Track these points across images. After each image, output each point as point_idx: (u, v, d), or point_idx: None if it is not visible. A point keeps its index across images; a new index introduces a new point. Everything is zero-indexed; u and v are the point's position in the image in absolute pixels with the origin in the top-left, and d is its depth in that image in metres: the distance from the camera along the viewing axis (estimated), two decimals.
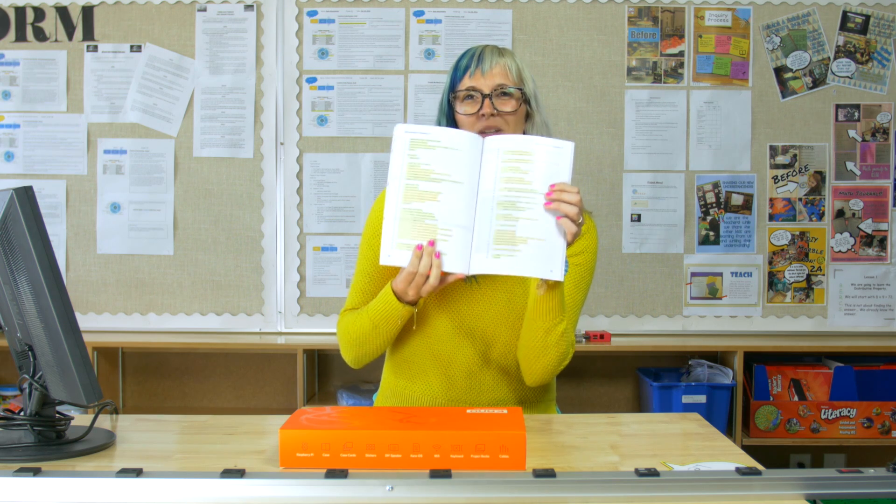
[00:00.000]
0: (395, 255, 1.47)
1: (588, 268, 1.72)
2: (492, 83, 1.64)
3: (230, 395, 3.15)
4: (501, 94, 1.64)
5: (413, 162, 1.46)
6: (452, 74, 1.68)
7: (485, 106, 1.63)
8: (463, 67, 1.66)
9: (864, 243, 3.05)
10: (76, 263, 3.06)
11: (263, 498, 1.14)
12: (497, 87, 1.64)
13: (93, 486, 1.14)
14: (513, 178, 1.45)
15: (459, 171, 1.46)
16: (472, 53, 1.67)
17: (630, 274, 3.05)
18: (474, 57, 1.66)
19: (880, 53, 3.03)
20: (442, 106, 1.70)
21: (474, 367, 1.67)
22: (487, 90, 1.63)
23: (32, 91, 3.05)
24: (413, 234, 1.46)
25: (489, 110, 1.63)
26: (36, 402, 1.38)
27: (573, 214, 1.43)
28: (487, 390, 1.68)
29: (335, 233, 3.05)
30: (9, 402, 2.99)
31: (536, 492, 1.14)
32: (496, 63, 1.65)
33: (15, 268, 1.31)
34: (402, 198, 1.46)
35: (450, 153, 1.46)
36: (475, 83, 1.64)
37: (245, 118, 3.05)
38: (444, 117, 1.69)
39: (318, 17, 3.04)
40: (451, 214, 1.45)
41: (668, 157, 3.04)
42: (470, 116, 1.65)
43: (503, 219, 1.45)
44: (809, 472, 1.18)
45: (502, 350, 1.67)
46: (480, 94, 1.64)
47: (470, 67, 1.65)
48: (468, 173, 1.46)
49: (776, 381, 2.87)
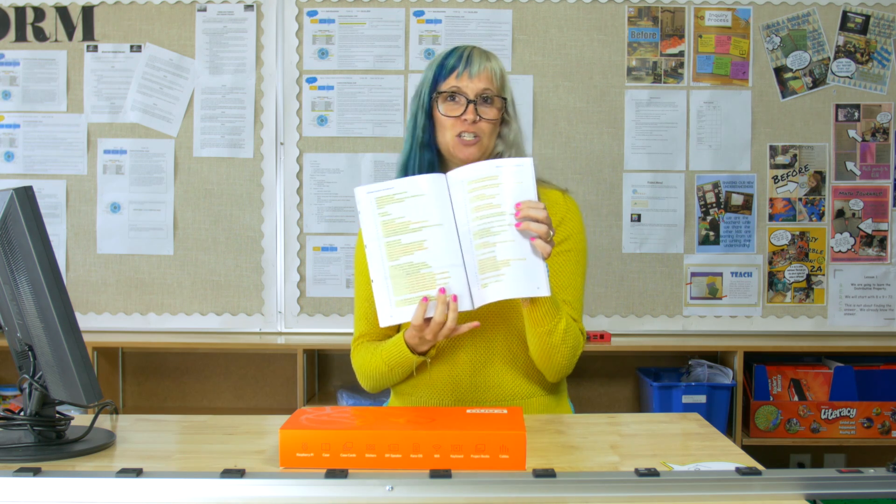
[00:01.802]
0: (396, 313, 1.48)
1: (578, 251, 1.72)
2: (477, 87, 1.64)
3: (230, 395, 3.15)
4: (484, 99, 1.64)
5: (386, 219, 1.47)
6: (437, 71, 1.67)
7: (468, 111, 1.63)
8: (450, 67, 1.65)
9: (864, 243, 3.05)
10: (76, 263, 3.07)
11: (263, 498, 1.14)
12: (481, 92, 1.64)
13: (93, 486, 1.14)
14: (482, 206, 1.47)
15: (434, 214, 1.47)
16: (461, 54, 1.66)
17: (630, 274, 3.05)
18: (462, 58, 1.65)
19: (880, 53, 3.03)
20: (422, 101, 1.68)
21: (478, 364, 1.67)
22: (472, 94, 1.63)
23: (32, 91, 3.05)
24: (412, 288, 1.47)
25: (472, 116, 1.63)
26: (36, 402, 1.38)
27: (543, 233, 1.45)
28: (494, 387, 1.67)
29: (335, 233, 3.05)
30: (9, 402, 2.99)
31: (536, 492, 1.14)
32: (483, 67, 1.65)
33: (15, 268, 1.31)
34: (387, 256, 1.47)
35: (418, 200, 1.47)
36: (461, 85, 1.64)
37: (245, 118, 3.05)
38: (424, 113, 1.67)
39: (318, 17, 3.04)
40: (442, 257, 1.47)
41: (668, 157, 3.04)
42: (450, 118, 1.64)
43: (482, 247, 1.47)
44: (809, 472, 1.18)
45: (504, 343, 1.67)
46: (465, 97, 1.63)
47: (458, 68, 1.64)
48: (442, 213, 1.47)
49: (776, 381, 2.87)
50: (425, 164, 1.68)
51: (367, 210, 1.47)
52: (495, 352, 1.67)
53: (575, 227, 1.72)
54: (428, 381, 1.69)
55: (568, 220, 1.71)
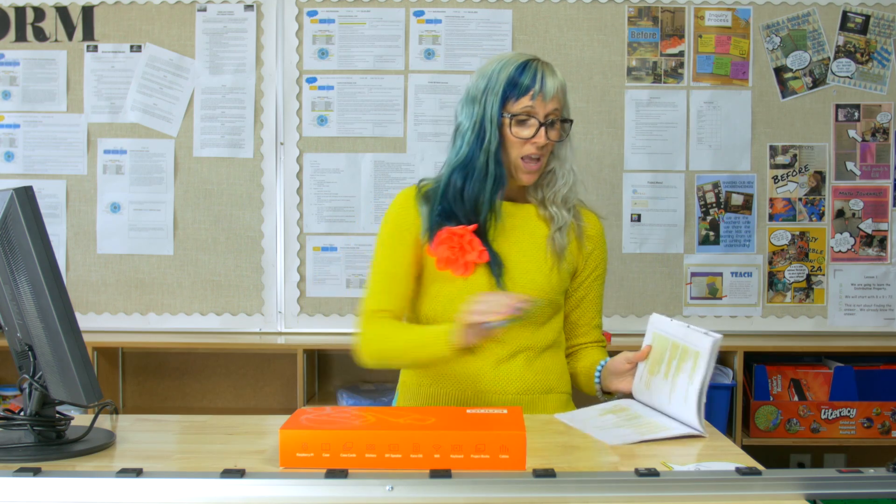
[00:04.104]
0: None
1: (605, 275, 1.84)
2: (549, 109, 1.64)
3: (230, 395, 3.15)
4: (551, 122, 1.65)
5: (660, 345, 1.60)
6: (507, 88, 1.64)
7: (539, 135, 1.64)
8: (525, 86, 1.63)
9: (864, 243, 3.05)
10: (76, 263, 3.06)
11: (263, 498, 1.14)
12: (551, 114, 1.65)
13: (93, 486, 1.14)
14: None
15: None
16: (534, 72, 1.64)
17: (630, 274, 3.05)
18: (537, 77, 1.63)
19: (880, 53, 3.03)
20: (489, 113, 1.65)
21: (502, 357, 1.68)
22: (543, 116, 1.64)
23: (32, 91, 3.05)
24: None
25: (544, 141, 1.65)
26: (36, 402, 1.38)
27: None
28: (515, 379, 1.68)
29: (335, 233, 3.05)
30: (9, 402, 2.99)
31: (536, 492, 1.14)
32: (556, 88, 1.65)
33: (15, 268, 1.31)
34: (648, 370, 1.61)
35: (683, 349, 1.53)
36: (535, 106, 1.64)
37: (245, 118, 3.05)
38: (491, 125, 1.65)
39: (318, 17, 3.04)
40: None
41: (668, 157, 3.04)
42: (522, 140, 1.66)
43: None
44: (809, 472, 1.18)
45: (528, 339, 1.69)
46: (537, 119, 1.64)
47: (532, 88, 1.63)
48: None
49: (776, 381, 2.87)
50: (499, 178, 1.68)
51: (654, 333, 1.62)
52: (519, 347, 1.68)
53: (605, 254, 1.82)
54: (451, 372, 1.69)
55: (601, 247, 1.80)
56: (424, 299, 1.73)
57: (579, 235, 1.77)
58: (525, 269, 1.70)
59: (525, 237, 1.73)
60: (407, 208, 1.74)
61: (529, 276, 1.69)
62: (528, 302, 1.50)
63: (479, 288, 1.65)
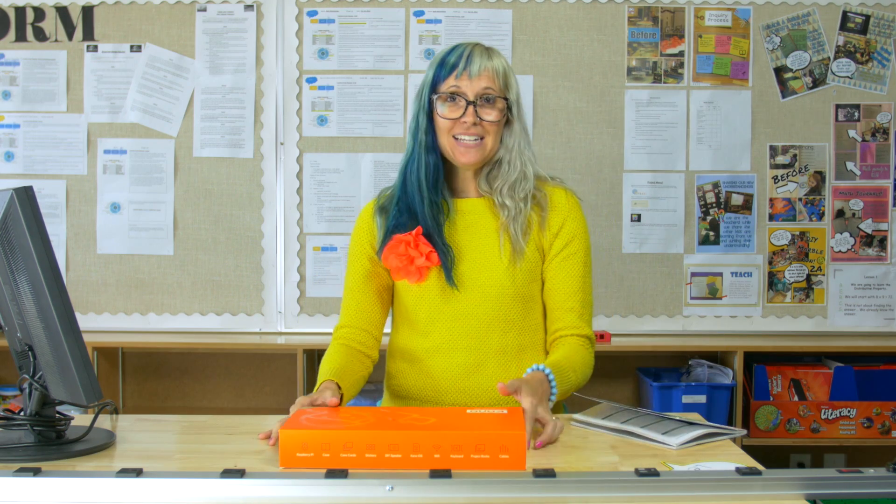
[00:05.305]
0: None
1: (583, 252, 1.69)
2: (477, 87, 1.60)
3: (230, 395, 3.15)
4: (486, 100, 1.61)
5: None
6: (437, 70, 1.63)
7: (468, 114, 1.60)
8: (450, 65, 1.61)
9: (864, 243, 3.05)
10: (76, 263, 3.06)
11: (263, 498, 1.14)
12: (482, 93, 1.60)
13: (93, 486, 1.14)
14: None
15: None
16: (461, 52, 1.62)
17: (630, 274, 3.05)
18: (462, 56, 1.61)
19: (880, 53, 3.03)
20: (422, 102, 1.65)
21: (472, 366, 1.66)
22: (472, 95, 1.60)
23: (32, 91, 3.05)
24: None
25: (472, 119, 1.60)
26: (36, 402, 1.38)
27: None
28: (489, 389, 1.64)
29: (335, 233, 3.05)
30: (9, 402, 2.98)
31: (536, 492, 1.14)
32: (485, 67, 1.61)
33: (15, 268, 1.31)
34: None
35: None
36: (460, 85, 1.60)
37: (245, 118, 3.05)
38: (425, 114, 1.65)
39: (318, 17, 3.04)
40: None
41: (668, 157, 3.04)
42: (449, 120, 1.62)
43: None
44: (809, 472, 1.18)
45: (499, 344, 1.66)
46: (465, 98, 1.60)
47: (458, 67, 1.60)
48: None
49: (776, 381, 2.87)
50: (431, 167, 1.66)
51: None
52: (490, 354, 1.66)
53: (578, 228, 1.69)
54: (423, 383, 1.68)
55: (571, 221, 1.68)
56: (398, 308, 1.75)
57: (542, 215, 1.67)
58: (482, 266, 1.65)
59: (480, 232, 1.68)
60: (363, 222, 1.75)
61: (486, 272, 1.65)
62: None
63: (432, 290, 1.65)
